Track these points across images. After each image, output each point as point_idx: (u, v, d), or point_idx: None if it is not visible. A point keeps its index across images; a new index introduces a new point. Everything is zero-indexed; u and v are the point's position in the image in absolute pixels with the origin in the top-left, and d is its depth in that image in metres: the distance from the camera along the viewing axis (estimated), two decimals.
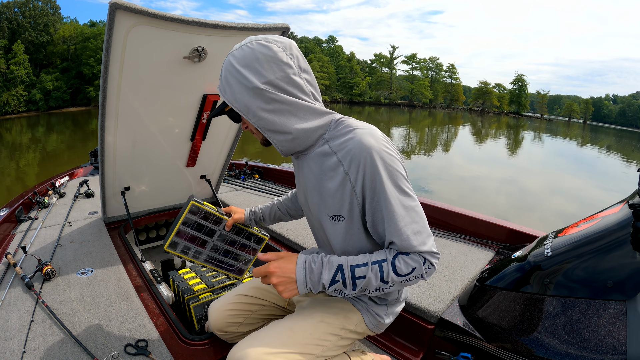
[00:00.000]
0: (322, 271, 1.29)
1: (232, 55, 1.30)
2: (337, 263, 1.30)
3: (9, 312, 1.90)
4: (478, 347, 1.86)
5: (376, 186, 1.25)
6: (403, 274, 1.27)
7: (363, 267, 1.28)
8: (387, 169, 1.25)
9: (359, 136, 1.26)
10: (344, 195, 1.32)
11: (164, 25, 2.08)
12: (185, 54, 2.31)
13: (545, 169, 20.37)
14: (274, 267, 1.31)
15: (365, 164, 1.24)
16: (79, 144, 21.07)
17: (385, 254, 1.29)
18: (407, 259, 1.27)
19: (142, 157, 2.87)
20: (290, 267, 1.31)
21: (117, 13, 1.91)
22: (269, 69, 1.26)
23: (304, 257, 1.34)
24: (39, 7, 48.44)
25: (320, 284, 1.29)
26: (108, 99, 2.30)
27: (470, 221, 3.08)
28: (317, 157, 1.38)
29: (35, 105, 43.45)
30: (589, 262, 1.58)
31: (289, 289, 1.31)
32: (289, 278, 1.30)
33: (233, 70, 1.28)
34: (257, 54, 1.26)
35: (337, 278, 1.28)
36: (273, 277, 1.30)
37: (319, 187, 1.39)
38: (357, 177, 1.26)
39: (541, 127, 63.70)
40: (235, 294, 1.80)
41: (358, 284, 1.28)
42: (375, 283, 1.28)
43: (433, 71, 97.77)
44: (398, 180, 1.26)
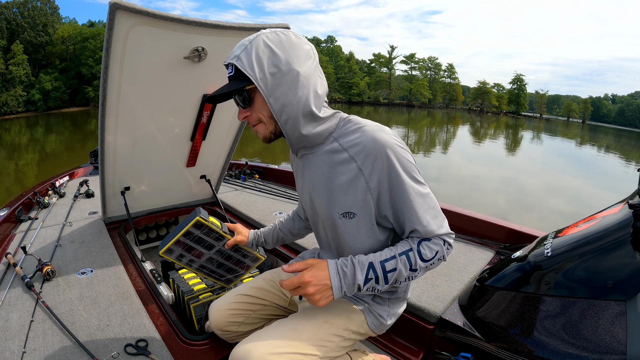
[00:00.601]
0: (355, 272, 1.30)
1: (265, 36, 1.29)
2: (367, 261, 1.31)
3: (9, 312, 1.90)
4: (478, 347, 1.86)
5: (393, 179, 1.28)
6: (428, 259, 1.32)
7: (392, 260, 1.31)
8: (401, 162, 1.28)
9: (370, 132, 1.29)
10: (357, 192, 1.33)
11: (164, 25, 2.08)
12: (186, 54, 2.31)
13: (544, 169, 20.36)
14: (309, 276, 1.29)
15: (381, 158, 1.26)
16: (78, 145, 21.04)
17: (409, 244, 1.33)
18: (430, 244, 1.33)
19: (142, 157, 2.87)
20: (324, 274, 1.30)
21: (117, 13, 1.91)
22: (303, 58, 1.28)
23: (333, 262, 1.33)
24: (37, 8, 48.31)
25: (355, 286, 1.30)
26: (108, 99, 2.30)
27: (470, 221, 3.08)
28: (325, 155, 1.39)
29: (34, 106, 43.35)
30: (589, 262, 1.58)
31: (325, 297, 1.30)
32: (324, 285, 1.29)
33: (267, 50, 1.27)
34: (294, 41, 1.28)
35: (370, 276, 1.30)
36: (309, 287, 1.28)
37: (328, 185, 1.39)
38: (372, 172, 1.29)
39: (540, 127, 63.71)
40: (236, 294, 1.79)
41: (390, 277, 1.31)
42: (406, 273, 1.32)
43: (432, 71, 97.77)
44: (412, 172, 1.31)
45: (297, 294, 1.33)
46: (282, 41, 1.27)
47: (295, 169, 1.64)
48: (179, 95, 2.58)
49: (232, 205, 3.70)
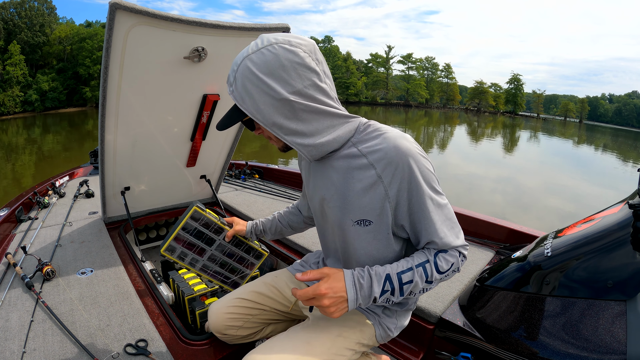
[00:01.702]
0: (372, 284, 1.26)
1: (250, 60, 1.17)
2: (384, 273, 1.27)
3: (9, 312, 1.90)
4: (478, 347, 1.86)
5: (413, 189, 1.25)
6: (444, 271, 1.30)
7: (409, 272, 1.28)
8: (422, 172, 1.24)
9: (393, 139, 1.24)
10: (374, 199, 1.29)
11: (164, 25, 2.08)
12: (185, 54, 2.31)
13: (542, 168, 20.39)
14: (325, 288, 1.23)
15: (403, 167, 1.22)
16: (75, 145, 21.01)
17: (425, 255, 1.31)
18: (447, 256, 1.30)
19: (142, 157, 2.87)
20: (340, 285, 1.25)
21: (117, 13, 1.91)
22: (296, 77, 1.17)
23: (350, 272, 1.28)
24: (34, 8, 48.21)
25: (371, 298, 1.26)
26: (108, 99, 2.30)
27: (470, 221, 3.07)
28: (343, 160, 1.34)
29: (31, 106, 43.28)
30: (589, 262, 1.58)
31: (340, 309, 1.25)
32: (340, 297, 1.24)
33: (254, 79, 1.17)
34: (283, 61, 1.15)
35: (386, 288, 1.26)
36: (325, 299, 1.22)
37: (343, 191, 1.35)
38: (393, 180, 1.24)
39: (537, 127, 63.74)
40: (235, 297, 1.77)
41: (405, 289, 1.28)
42: (422, 285, 1.29)
43: (429, 71, 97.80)
44: (432, 182, 1.27)
45: (311, 305, 1.28)
46: (269, 63, 1.15)
47: (305, 172, 1.60)
48: (179, 95, 2.58)
49: (232, 205, 3.70)
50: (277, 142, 1.36)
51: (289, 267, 1.94)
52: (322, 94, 1.24)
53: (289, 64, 1.16)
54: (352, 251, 1.44)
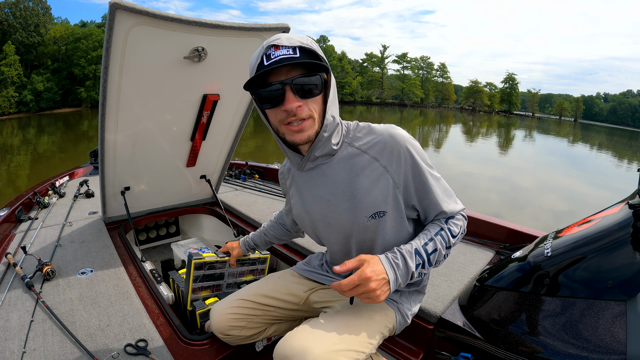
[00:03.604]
0: (407, 262, 1.32)
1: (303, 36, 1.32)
2: (412, 248, 1.35)
3: (9, 312, 1.90)
4: (478, 347, 1.86)
5: (416, 170, 1.38)
6: (457, 234, 1.44)
7: (430, 242, 1.38)
8: (419, 152, 1.38)
9: (386, 130, 1.37)
10: (384, 190, 1.38)
11: (164, 25, 2.08)
12: (186, 54, 2.31)
13: (537, 167, 20.42)
14: (370, 271, 1.25)
15: (404, 153, 1.35)
16: (71, 146, 20.95)
17: (438, 225, 1.43)
18: (455, 220, 1.46)
19: (142, 157, 2.87)
20: (381, 268, 1.28)
21: (117, 13, 1.91)
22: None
23: (384, 256, 1.33)
24: (29, 8, 48.02)
25: (409, 275, 1.33)
26: (108, 99, 2.30)
27: (470, 221, 3.05)
28: (343, 161, 1.42)
29: (26, 107, 43.13)
30: (589, 262, 1.59)
31: (384, 291, 1.28)
32: (383, 280, 1.27)
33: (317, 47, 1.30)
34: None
35: (418, 262, 1.34)
36: (371, 283, 1.24)
37: (351, 190, 1.41)
38: (398, 167, 1.36)
39: (532, 126, 63.80)
40: (238, 298, 1.78)
41: (432, 259, 1.38)
42: (444, 251, 1.41)
43: (424, 70, 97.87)
44: (427, 159, 1.42)
45: (355, 293, 1.27)
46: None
47: (295, 186, 1.62)
48: (179, 95, 2.58)
49: (232, 205, 3.70)
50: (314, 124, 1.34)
51: (292, 267, 1.96)
52: None
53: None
54: (370, 245, 1.49)
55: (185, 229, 3.94)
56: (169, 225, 3.72)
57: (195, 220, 3.88)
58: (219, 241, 3.58)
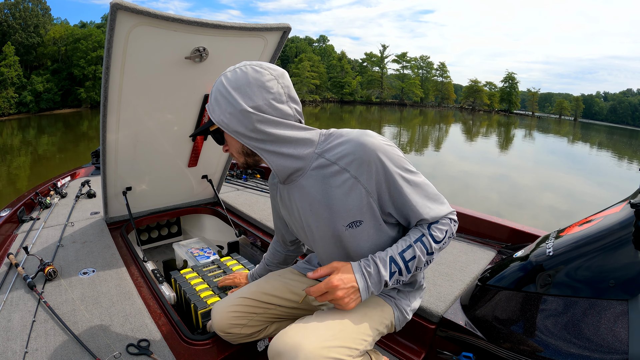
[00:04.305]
0: (380, 270, 1.32)
1: (224, 76, 1.34)
2: (387, 256, 1.34)
3: (11, 312, 1.90)
4: (480, 347, 1.86)
5: (389, 179, 1.31)
6: (441, 240, 1.38)
7: (409, 249, 1.34)
8: (392, 159, 1.31)
9: (356, 139, 1.32)
10: (358, 199, 1.35)
11: (165, 26, 2.08)
12: (187, 54, 2.31)
13: (537, 166, 20.42)
14: (337, 280, 1.29)
15: (374, 162, 1.29)
16: (70, 146, 20.97)
17: (420, 230, 1.38)
18: (439, 225, 1.39)
19: (143, 157, 2.87)
20: (350, 276, 1.31)
21: (118, 13, 1.91)
22: (258, 94, 1.30)
23: (357, 264, 1.35)
24: (29, 9, 47.99)
25: (382, 283, 1.32)
26: (109, 99, 2.30)
27: (471, 220, 3.07)
28: (315, 173, 1.40)
29: (25, 107, 43.10)
30: (591, 262, 1.58)
31: (353, 299, 1.31)
32: (352, 288, 1.30)
33: (223, 91, 1.31)
34: (249, 78, 1.30)
35: (393, 270, 1.33)
36: (338, 291, 1.29)
37: (326, 201, 1.40)
38: (369, 177, 1.31)
39: (532, 125, 63.72)
40: (239, 296, 1.79)
41: (411, 266, 1.35)
42: (424, 258, 1.36)
43: (424, 70, 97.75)
44: (403, 165, 1.35)
45: (325, 300, 1.33)
46: (237, 79, 1.31)
47: (278, 198, 1.67)
48: (180, 95, 2.58)
49: (234, 205, 3.70)
50: (239, 156, 1.50)
51: (293, 265, 1.97)
52: (280, 114, 1.34)
53: (254, 82, 1.30)
54: (352, 253, 1.47)
55: (187, 229, 3.94)
56: (170, 225, 3.72)
57: (197, 220, 3.88)
58: (220, 241, 3.58)
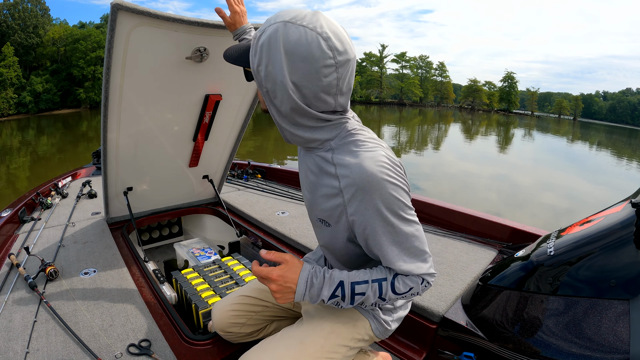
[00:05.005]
0: (323, 287, 1.26)
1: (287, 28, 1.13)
2: (338, 279, 1.27)
3: (13, 312, 1.91)
4: (481, 347, 1.86)
5: (370, 218, 1.20)
6: (400, 293, 1.27)
7: (363, 284, 1.26)
8: (386, 199, 1.17)
9: (362, 161, 1.18)
10: (334, 207, 1.28)
11: (166, 26, 2.09)
12: (188, 55, 2.31)
13: (536, 166, 20.43)
14: (276, 275, 1.25)
15: (363, 192, 1.17)
16: (70, 147, 20.97)
17: (385, 273, 1.28)
18: (406, 279, 1.26)
19: (144, 158, 2.87)
20: (293, 277, 1.26)
21: (119, 14, 1.91)
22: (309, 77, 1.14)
23: (307, 269, 1.28)
24: (28, 9, 48.03)
25: (319, 299, 1.27)
26: (110, 99, 2.30)
27: (472, 220, 3.07)
28: (319, 159, 1.32)
29: (25, 108, 43.14)
30: (592, 261, 1.58)
31: (286, 297, 1.28)
32: (288, 288, 1.26)
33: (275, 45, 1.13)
34: (310, 53, 1.11)
35: (336, 293, 1.26)
36: (272, 284, 1.26)
37: (313, 187, 1.37)
38: (352, 200, 1.21)
39: (531, 124, 63.72)
40: (239, 295, 1.78)
41: (356, 299, 1.27)
42: (373, 299, 1.27)
43: (423, 69, 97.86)
44: (396, 210, 1.19)
45: (261, 282, 1.31)
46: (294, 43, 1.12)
47: (299, 156, 1.56)
48: (181, 95, 2.58)
49: (235, 205, 3.70)
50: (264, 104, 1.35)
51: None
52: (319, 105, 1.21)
53: (311, 60, 1.12)
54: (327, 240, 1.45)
55: (188, 229, 3.94)
56: (171, 225, 3.72)
57: (198, 221, 3.88)
58: (221, 241, 3.58)
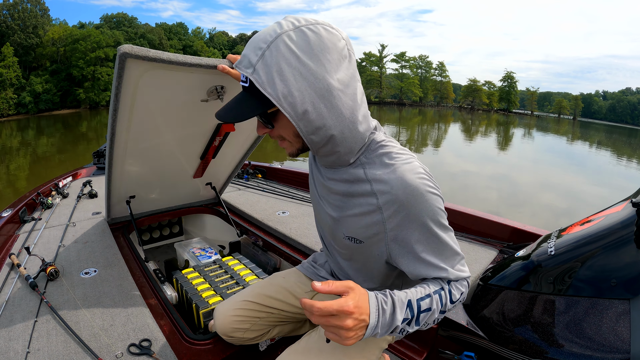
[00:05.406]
0: (395, 311, 1.06)
1: (288, 37, 1.01)
2: (406, 299, 1.09)
3: (13, 312, 1.90)
4: (481, 346, 1.86)
5: (418, 229, 1.13)
6: (456, 299, 1.20)
7: (427, 299, 1.12)
8: (430, 211, 1.12)
9: (401, 174, 1.11)
10: (370, 225, 1.20)
11: (179, 68, 1.85)
12: (203, 96, 2.13)
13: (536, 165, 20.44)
14: (354, 306, 0.97)
15: (408, 207, 1.11)
16: (70, 147, 21.01)
17: (440, 283, 1.19)
18: (458, 285, 1.22)
19: (149, 171, 2.80)
20: (366, 307, 1.01)
21: (127, 62, 1.68)
22: (338, 63, 1.05)
23: (374, 295, 1.05)
24: (27, 9, 48.14)
25: (392, 327, 1.06)
26: (117, 138, 2.18)
27: (473, 220, 3.07)
28: (347, 179, 1.23)
29: (25, 108, 43.26)
30: (593, 261, 1.58)
31: (358, 335, 1.01)
32: (363, 321, 1.00)
33: (293, 59, 1.00)
34: (327, 43, 1.02)
35: (406, 316, 1.08)
36: (349, 320, 0.96)
37: (341, 207, 1.28)
38: (394, 217, 1.14)
39: (531, 124, 63.85)
40: (242, 299, 1.73)
41: (422, 319, 1.11)
42: (437, 314, 1.15)
43: (423, 69, 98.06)
44: (439, 219, 1.15)
45: (325, 323, 0.99)
46: (311, 43, 1.01)
47: (310, 167, 1.50)
48: (192, 127, 2.48)
49: (235, 205, 3.71)
50: (291, 145, 1.22)
51: (298, 266, 1.90)
52: (359, 91, 1.13)
53: (331, 47, 1.03)
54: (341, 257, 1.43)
55: (189, 229, 3.94)
56: (172, 225, 3.72)
57: (199, 220, 3.88)
58: (222, 241, 3.58)
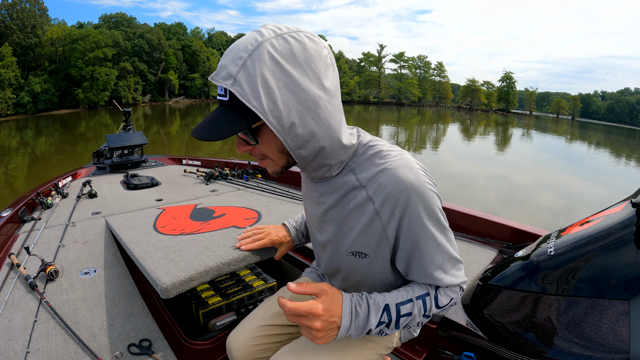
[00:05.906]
0: (370, 315, 1.10)
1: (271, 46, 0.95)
2: (383, 303, 1.12)
3: (13, 312, 1.90)
4: (481, 347, 1.86)
5: (415, 228, 1.10)
6: (443, 305, 1.20)
7: (408, 303, 1.14)
8: (427, 209, 1.09)
9: (394, 170, 1.08)
10: (372, 234, 1.17)
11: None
12: None
13: (535, 165, 20.47)
14: (322, 309, 1.04)
15: (404, 204, 1.07)
16: (68, 147, 21.00)
17: (426, 288, 1.19)
18: (448, 291, 1.20)
19: None
20: (337, 309, 1.07)
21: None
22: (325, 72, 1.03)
23: (348, 298, 1.11)
24: (26, 9, 48.25)
25: (365, 329, 1.10)
26: None
27: (472, 220, 3.06)
28: (339, 188, 1.20)
29: (23, 108, 43.35)
30: (593, 261, 1.58)
31: (329, 335, 1.08)
32: (333, 323, 1.06)
33: (277, 70, 0.95)
34: (311, 51, 0.99)
35: (383, 319, 1.11)
36: (317, 322, 1.04)
37: (339, 221, 1.24)
38: (392, 218, 1.11)
39: (530, 124, 63.94)
40: (260, 325, 1.61)
41: (401, 322, 1.14)
42: (419, 318, 1.17)
43: (421, 69, 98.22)
44: (437, 218, 1.12)
45: (297, 322, 1.09)
46: (295, 52, 0.96)
47: (303, 182, 1.45)
48: None
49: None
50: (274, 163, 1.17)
51: (305, 272, 1.85)
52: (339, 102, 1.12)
53: (315, 55, 0.99)
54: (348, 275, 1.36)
55: None
56: None
57: None
58: None
